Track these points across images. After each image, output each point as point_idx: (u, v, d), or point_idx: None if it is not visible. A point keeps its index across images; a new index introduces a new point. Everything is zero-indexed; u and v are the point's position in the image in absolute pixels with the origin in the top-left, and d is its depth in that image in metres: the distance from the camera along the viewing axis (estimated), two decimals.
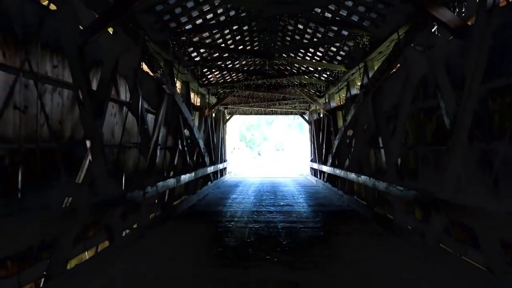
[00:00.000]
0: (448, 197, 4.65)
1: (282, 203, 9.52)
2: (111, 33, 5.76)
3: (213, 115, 16.81)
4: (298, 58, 11.27)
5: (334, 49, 9.81)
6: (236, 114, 19.92)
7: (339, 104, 13.08)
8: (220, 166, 15.91)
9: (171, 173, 8.80)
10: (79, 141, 4.83)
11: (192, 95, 12.11)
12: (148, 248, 5.14)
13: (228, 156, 22.53)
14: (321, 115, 15.65)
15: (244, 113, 19.87)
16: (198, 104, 13.34)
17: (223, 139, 18.18)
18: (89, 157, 4.59)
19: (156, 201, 7.40)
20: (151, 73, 7.38)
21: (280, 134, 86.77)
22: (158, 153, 7.41)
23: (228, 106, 17.83)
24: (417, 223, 6.27)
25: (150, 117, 8.19)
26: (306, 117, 19.22)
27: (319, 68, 10.83)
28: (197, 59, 10.11)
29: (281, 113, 19.69)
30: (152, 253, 4.91)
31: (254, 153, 58.61)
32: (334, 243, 5.48)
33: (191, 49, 9.42)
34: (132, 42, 5.82)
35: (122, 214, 5.49)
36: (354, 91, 10.62)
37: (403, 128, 6.67)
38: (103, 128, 6.04)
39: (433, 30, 5.68)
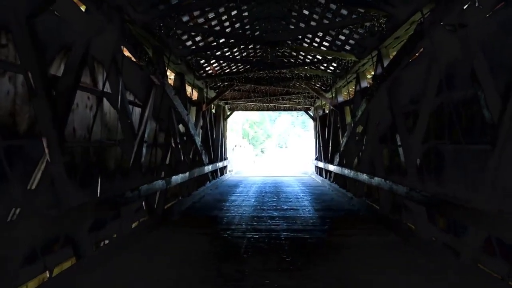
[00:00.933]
0: (491, 207, 3.75)
1: (285, 207, 8.62)
2: (83, 10, 4.89)
3: (213, 110, 15.93)
4: (304, 45, 10.29)
5: (343, 38, 8.87)
6: (237, 110, 18.97)
7: (347, 98, 12.14)
8: (220, 164, 15.03)
9: (162, 173, 7.93)
10: (36, 138, 3.95)
11: (188, 89, 11.25)
12: (124, 266, 4.27)
13: (230, 153, 21.66)
14: (327, 111, 14.72)
15: (246, 109, 18.91)
16: (195, 98, 12.45)
17: (223, 136, 17.29)
18: (47, 157, 3.72)
19: (144, 205, 6.53)
20: (136, 61, 6.49)
21: (283, 132, 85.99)
22: (145, 151, 6.53)
23: (229, 101, 16.91)
24: (442, 235, 5.37)
25: (138, 111, 7.33)
26: (311, 113, 18.27)
27: (327, 58, 9.87)
28: (193, 47, 9.19)
29: (285, 109, 18.73)
30: (126, 274, 4.04)
31: (257, 151, 57.75)
32: (346, 259, 4.58)
33: (185, 37, 8.51)
34: (108, 21, 4.92)
35: (94, 223, 4.63)
36: (365, 83, 9.68)
37: (425, 123, 5.75)
38: (75, 123, 5.22)
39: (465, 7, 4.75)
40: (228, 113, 18.27)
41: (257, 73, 11.14)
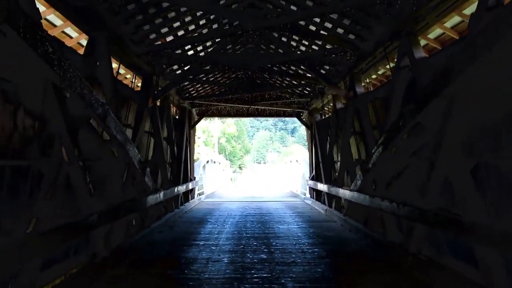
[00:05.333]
0: None
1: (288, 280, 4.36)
2: None
3: (174, 113, 11.59)
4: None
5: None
6: (208, 115, 14.59)
7: (370, 89, 8.17)
8: (181, 188, 10.62)
9: None
10: None
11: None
12: None
13: (200, 171, 17.23)
14: (335, 111, 10.66)
15: (220, 114, 14.57)
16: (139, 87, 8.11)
17: (189, 149, 12.91)
18: None
19: None
20: None
21: (261, 147, 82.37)
22: None
23: (196, 102, 12.56)
24: None
25: None
26: (304, 120, 14.16)
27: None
28: None
29: (270, 114, 14.50)
30: None
31: (235, 167, 53.29)
32: None
33: None
34: None
35: None
36: (420, 53, 5.66)
37: None
38: None
39: None
40: (196, 119, 13.89)
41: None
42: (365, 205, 7.09)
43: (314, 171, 13.37)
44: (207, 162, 19.18)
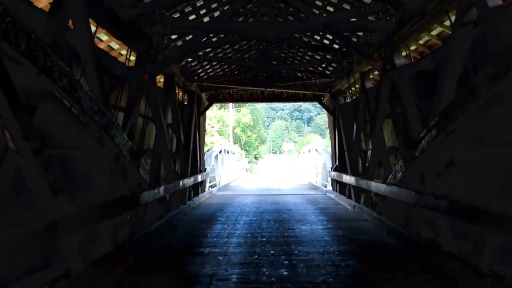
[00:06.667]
0: None
1: None
2: None
3: (181, 98, 10.36)
4: None
5: None
6: (219, 100, 13.25)
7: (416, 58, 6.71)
8: (189, 181, 9.42)
9: None
10: None
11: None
12: None
13: (213, 162, 16.08)
14: (364, 91, 9.22)
15: (232, 99, 13.22)
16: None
17: (198, 138, 11.69)
18: None
19: None
20: None
21: (277, 136, 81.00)
22: None
23: (204, 85, 11.24)
24: None
25: None
26: (326, 103, 12.67)
27: None
28: None
29: (287, 98, 13.06)
30: None
31: (251, 157, 52.08)
32: None
33: None
34: None
35: None
36: (496, 0, 4.19)
37: None
38: None
39: None
40: (206, 104, 12.59)
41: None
42: (407, 203, 5.74)
43: (337, 161, 11.97)
44: (220, 152, 18.00)
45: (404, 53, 7.02)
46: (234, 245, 5.51)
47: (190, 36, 7.03)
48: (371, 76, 9.28)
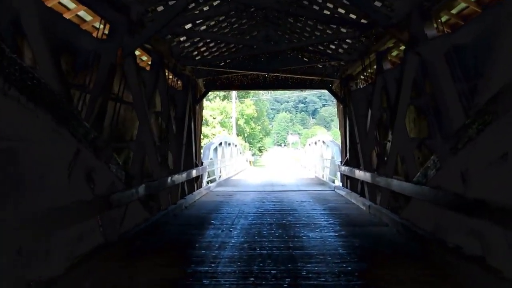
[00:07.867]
0: None
1: None
2: None
3: (174, 83, 9.18)
4: None
5: None
6: (217, 88, 12.01)
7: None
8: (180, 177, 8.30)
9: None
10: None
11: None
12: None
13: (212, 155, 14.97)
14: (381, 73, 7.97)
15: (231, 86, 11.91)
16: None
17: (194, 129, 10.55)
18: None
19: None
20: None
21: (282, 128, 79.81)
22: None
23: (200, 68, 10.03)
24: None
25: None
26: (335, 90, 11.42)
27: None
28: None
29: (292, 85, 11.78)
30: None
31: (254, 149, 50.91)
32: None
33: None
34: None
35: None
36: None
37: None
38: None
39: None
40: (203, 91, 11.38)
41: None
42: (442, 207, 4.59)
43: (348, 154, 10.79)
44: (220, 144, 16.84)
45: (434, 25, 5.79)
46: (226, 261, 4.38)
47: (174, 1, 5.82)
48: (388, 58, 8.06)
